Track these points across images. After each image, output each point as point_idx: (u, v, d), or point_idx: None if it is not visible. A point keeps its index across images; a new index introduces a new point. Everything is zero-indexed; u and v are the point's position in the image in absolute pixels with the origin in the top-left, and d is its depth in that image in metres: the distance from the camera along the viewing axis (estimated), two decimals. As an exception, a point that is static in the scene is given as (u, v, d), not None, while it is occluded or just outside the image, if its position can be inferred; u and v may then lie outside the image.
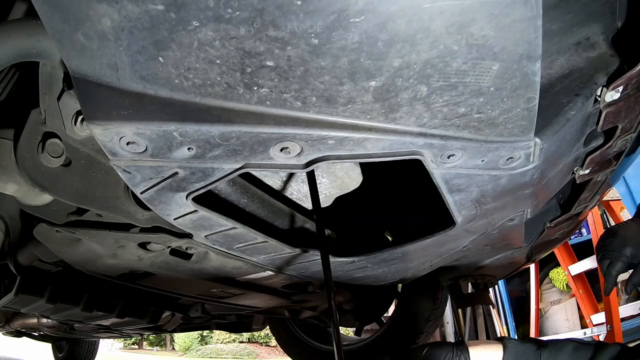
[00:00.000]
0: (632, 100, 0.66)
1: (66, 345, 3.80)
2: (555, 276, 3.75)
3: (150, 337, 20.77)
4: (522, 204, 0.85)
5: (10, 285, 1.28)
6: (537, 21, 0.44)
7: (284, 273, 1.16)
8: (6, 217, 1.01)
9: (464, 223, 0.87)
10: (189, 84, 0.49)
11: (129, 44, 0.46)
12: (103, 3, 0.42)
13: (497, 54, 0.46)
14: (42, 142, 0.70)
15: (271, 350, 18.43)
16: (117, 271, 1.12)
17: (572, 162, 0.81)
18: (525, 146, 0.61)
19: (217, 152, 0.58)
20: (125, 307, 1.59)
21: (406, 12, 0.41)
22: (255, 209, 0.88)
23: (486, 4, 0.41)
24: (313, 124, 0.53)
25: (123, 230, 0.89)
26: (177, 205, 0.71)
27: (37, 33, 0.58)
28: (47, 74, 0.66)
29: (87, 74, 0.50)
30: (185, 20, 0.42)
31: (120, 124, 0.52)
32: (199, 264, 1.05)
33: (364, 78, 0.48)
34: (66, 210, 0.87)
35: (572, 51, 0.61)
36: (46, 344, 3.85)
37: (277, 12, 0.41)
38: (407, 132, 0.55)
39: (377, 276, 1.27)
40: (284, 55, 0.45)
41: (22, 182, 0.76)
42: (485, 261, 1.33)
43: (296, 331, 2.48)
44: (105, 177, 0.78)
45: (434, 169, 0.64)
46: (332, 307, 0.73)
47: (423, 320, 2.01)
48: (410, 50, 0.45)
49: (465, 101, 0.52)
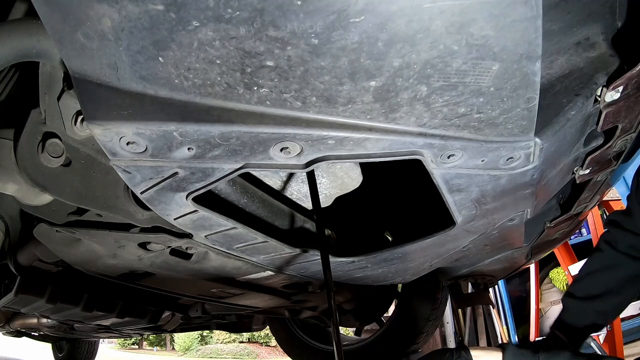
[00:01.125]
0: (632, 100, 0.66)
1: (66, 345, 3.80)
2: (555, 276, 3.75)
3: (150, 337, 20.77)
4: (522, 204, 0.85)
5: (10, 285, 1.28)
6: (537, 21, 0.44)
7: (284, 273, 1.16)
8: (6, 217, 1.01)
9: (464, 223, 0.87)
10: (189, 84, 0.49)
11: (129, 44, 0.46)
12: (103, 3, 0.42)
13: (497, 54, 0.46)
14: (42, 142, 0.70)
15: (271, 350, 18.43)
16: (117, 271, 1.11)
17: (572, 162, 0.81)
18: (525, 146, 0.61)
19: (217, 152, 0.58)
20: (125, 307, 1.59)
21: (406, 12, 0.41)
22: (255, 209, 0.88)
23: (486, 4, 0.41)
24: (313, 124, 0.53)
25: (123, 230, 0.89)
26: (177, 205, 0.71)
27: (37, 33, 0.58)
28: (47, 74, 0.66)
29: (87, 74, 0.50)
30: (185, 20, 0.42)
31: (120, 124, 0.52)
32: (199, 264, 1.05)
33: (364, 78, 0.48)
34: (66, 210, 0.87)
35: (572, 51, 0.61)
36: (46, 344, 3.85)
37: (277, 12, 0.41)
38: (407, 132, 0.55)
39: (377, 276, 1.27)
40: (284, 55, 0.45)
41: (22, 182, 0.76)
42: (485, 261, 1.33)
43: (296, 331, 2.48)
44: (105, 177, 0.78)
45: (434, 169, 0.64)
46: (332, 307, 0.73)
47: (423, 320, 2.01)
48: (410, 50, 0.45)
49: (465, 101, 0.52)
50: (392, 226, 1.26)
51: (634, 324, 3.05)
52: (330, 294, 0.74)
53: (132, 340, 20.93)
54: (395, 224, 1.25)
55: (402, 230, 1.20)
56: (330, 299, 0.73)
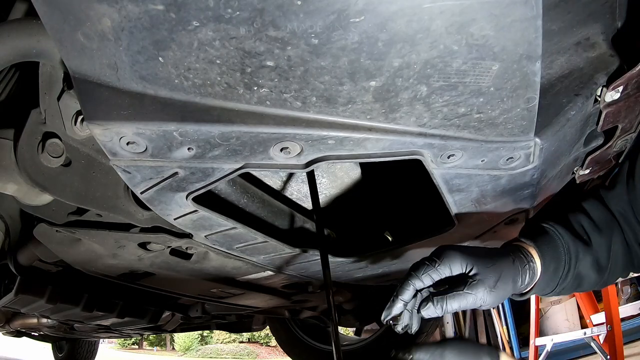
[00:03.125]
0: (632, 100, 0.66)
1: (66, 345, 3.80)
2: (555, 276, 3.74)
3: (150, 337, 20.77)
4: (522, 204, 0.85)
5: (10, 285, 1.28)
6: (537, 21, 0.44)
7: (284, 273, 1.16)
8: (6, 217, 1.01)
9: (463, 223, 0.87)
10: (189, 84, 0.49)
11: (129, 44, 0.46)
12: (103, 3, 0.42)
13: (497, 54, 0.46)
14: (42, 142, 0.70)
15: (271, 350, 18.42)
16: (117, 271, 1.11)
17: (572, 162, 0.81)
18: (525, 146, 0.61)
19: (217, 152, 0.58)
20: (125, 307, 1.59)
21: (406, 12, 0.41)
22: (255, 209, 0.88)
23: (486, 4, 0.41)
24: (313, 124, 0.53)
25: (123, 230, 0.89)
26: (177, 205, 0.71)
27: (37, 33, 0.58)
28: (47, 74, 0.66)
29: (87, 74, 0.50)
30: (185, 20, 0.42)
31: (120, 124, 0.52)
32: (199, 264, 1.05)
33: (364, 78, 0.48)
34: (66, 210, 0.87)
35: (572, 51, 0.61)
36: (46, 344, 3.85)
37: (277, 12, 0.41)
38: (407, 132, 0.55)
39: (377, 276, 1.27)
40: (284, 55, 0.45)
41: (22, 182, 0.76)
42: (485, 261, 1.33)
43: (296, 331, 2.48)
44: (105, 177, 0.78)
45: (434, 169, 0.64)
46: (332, 307, 0.73)
47: (423, 320, 2.01)
48: (410, 50, 0.45)
49: (465, 101, 0.52)
50: (392, 226, 1.26)
51: (634, 324, 3.06)
52: (329, 294, 0.74)
53: (132, 340, 20.93)
54: (395, 224, 1.25)
55: (402, 230, 1.20)
56: (329, 299, 0.73)
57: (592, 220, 0.76)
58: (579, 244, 0.74)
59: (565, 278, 0.74)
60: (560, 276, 0.73)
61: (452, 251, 0.65)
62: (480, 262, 0.65)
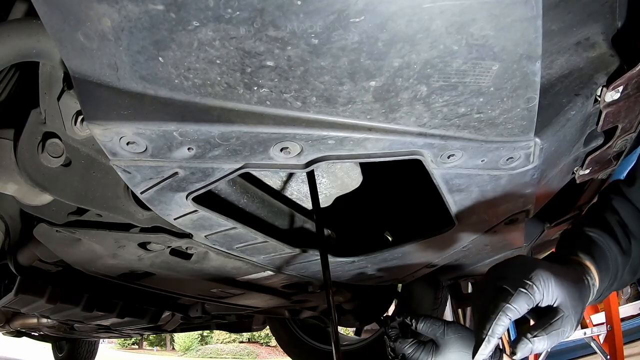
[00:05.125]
0: (632, 100, 0.66)
1: (66, 345, 3.80)
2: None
3: (150, 337, 20.77)
4: (522, 204, 0.85)
5: (10, 285, 1.28)
6: (537, 21, 0.44)
7: (284, 273, 1.16)
8: (6, 217, 1.01)
9: (463, 223, 0.87)
10: (189, 84, 0.49)
11: (129, 44, 0.46)
12: (103, 3, 0.42)
13: (497, 54, 0.46)
14: (42, 142, 0.70)
15: (271, 350, 18.43)
16: (117, 271, 1.11)
17: (572, 162, 0.81)
18: (525, 146, 0.61)
19: (217, 152, 0.58)
20: (125, 307, 1.59)
21: (406, 12, 0.41)
22: (255, 209, 0.88)
23: (486, 4, 0.41)
24: (313, 124, 0.53)
25: (123, 230, 0.89)
26: (177, 205, 0.71)
27: (37, 33, 0.58)
28: (47, 74, 0.66)
29: (87, 74, 0.50)
30: (185, 20, 0.42)
31: (120, 124, 0.52)
32: (199, 264, 1.05)
33: (364, 78, 0.48)
34: (66, 210, 0.87)
35: (572, 51, 0.61)
36: (46, 344, 3.86)
37: (277, 12, 0.41)
38: (407, 132, 0.55)
39: (376, 276, 1.27)
40: (284, 55, 0.45)
41: (22, 182, 0.76)
42: (486, 261, 1.33)
43: (296, 331, 2.48)
44: (105, 177, 0.78)
45: (434, 169, 0.64)
46: (332, 307, 0.73)
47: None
48: (410, 50, 0.45)
49: (465, 101, 0.52)
50: (392, 226, 1.26)
51: (634, 324, 3.06)
52: (329, 294, 0.74)
53: (132, 340, 20.93)
54: (395, 224, 1.25)
55: (402, 230, 1.20)
56: (329, 299, 0.74)
57: (627, 224, 0.75)
58: (624, 257, 0.73)
59: (608, 290, 0.74)
60: (604, 289, 0.73)
61: (546, 275, 0.60)
62: (569, 294, 0.61)
